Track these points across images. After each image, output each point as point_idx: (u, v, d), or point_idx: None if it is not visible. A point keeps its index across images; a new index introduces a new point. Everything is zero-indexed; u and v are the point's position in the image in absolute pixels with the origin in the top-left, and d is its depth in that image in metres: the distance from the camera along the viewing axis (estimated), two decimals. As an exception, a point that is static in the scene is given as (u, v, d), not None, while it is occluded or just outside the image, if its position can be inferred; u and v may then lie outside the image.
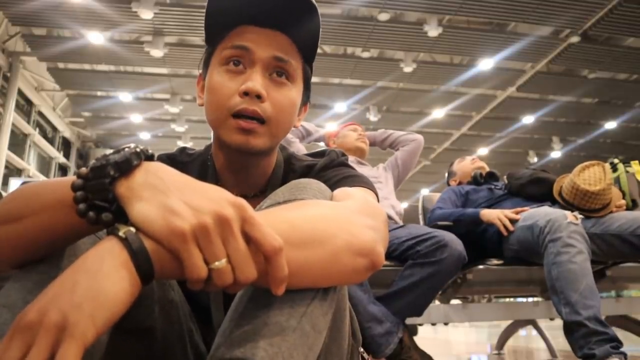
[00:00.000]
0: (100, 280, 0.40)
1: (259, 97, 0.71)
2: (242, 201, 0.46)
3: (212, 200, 0.45)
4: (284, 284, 0.46)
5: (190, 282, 0.44)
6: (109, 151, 0.52)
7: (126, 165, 0.47)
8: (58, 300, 0.39)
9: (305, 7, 0.73)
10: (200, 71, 0.83)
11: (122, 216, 0.47)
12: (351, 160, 2.30)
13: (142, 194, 0.45)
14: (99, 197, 0.48)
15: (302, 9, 0.73)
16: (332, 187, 0.70)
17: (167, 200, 0.45)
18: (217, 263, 0.43)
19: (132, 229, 0.44)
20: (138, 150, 0.49)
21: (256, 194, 0.81)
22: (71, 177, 0.51)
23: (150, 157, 0.51)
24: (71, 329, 0.37)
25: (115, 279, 0.41)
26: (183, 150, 0.90)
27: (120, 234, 0.44)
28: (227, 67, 0.74)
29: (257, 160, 0.79)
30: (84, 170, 0.49)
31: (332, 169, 0.80)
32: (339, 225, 0.54)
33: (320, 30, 0.77)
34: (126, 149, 0.49)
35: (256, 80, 0.72)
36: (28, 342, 0.37)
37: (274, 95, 0.73)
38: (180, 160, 0.87)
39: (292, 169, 0.84)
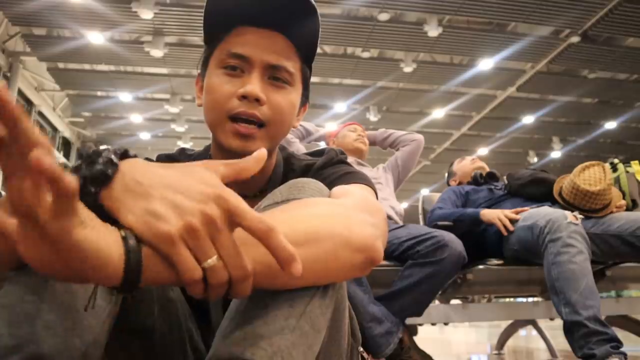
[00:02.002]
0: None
1: (257, 100, 0.71)
2: (225, 193, 0.44)
3: (195, 198, 0.44)
4: (295, 262, 0.44)
5: (188, 287, 0.43)
6: None
7: (104, 178, 0.45)
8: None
9: (305, 8, 0.72)
10: (199, 71, 0.83)
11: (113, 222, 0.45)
12: (350, 160, 2.30)
13: (125, 203, 0.44)
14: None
15: (301, 9, 0.73)
16: (331, 184, 0.70)
17: (149, 205, 0.43)
18: (209, 261, 0.42)
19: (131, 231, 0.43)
20: (111, 156, 0.46)
21: (256, 194, 0.81)
22: None
23: (124, 154, 0.48)
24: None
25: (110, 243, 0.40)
26: (183, 150, 0.90)
27: (121, 232, 0.43)
28: (225, 70, 0.74)
29: None
30: None
31: (330, 167, 0.80)
32: (336, 221, 0.54)
33: (320, 31, 0.77)
34: (99, 160, 0.45)
35: (255, 84, 0.71)
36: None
37: (273, 98, 0.73)
38: (179, 161, 0.87)
39: (292, 168, 0.84)
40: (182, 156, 0.89)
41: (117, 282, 0.41)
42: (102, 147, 0.48)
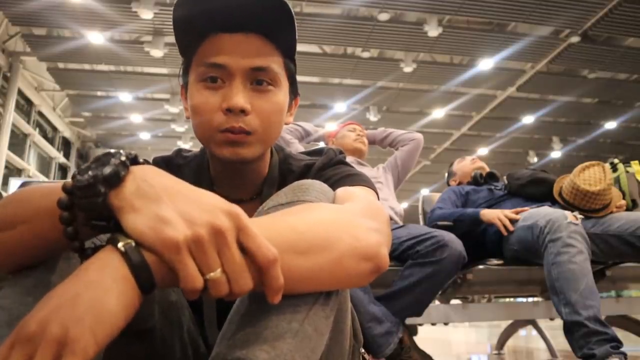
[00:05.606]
0: (101, 294, 0.40)
1: (242, 111, 0.70)
2: (237, 210, 0.45)
3: (206, 209, 0.44)
4: (280, 293, 0.46)
5: (185, 292, 0.43)
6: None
7: (115, 179, 0.45)
8: (59, 313, 0.38)
9: (273, 1, 0.69)
10: (182, 83, 0.81)
11: (119, 227, 0.45)
12: (350, 160, 2.29)
13: (134, 204, 0.44)
14: (93, 216, 0.46)
15: (270, 3, 0.69)
16: (332, 186, 0.69)
17: (159, 210, 0.43)
18: (211, 274, 0.42)
19: (132, 242, 0.43)
20: (123, 159, 0.47)
21: (253, 197, 0.81)
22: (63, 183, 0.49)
23: (135, 160, 0.49)
24: (72, 344, 0.37)
25: (116, 293, 0.40)
26: (179, 152, 0.89)
27: (120, 246, 0.42)
28: (205, 84, 0.72)
29: (251, 166, 0.78)
30: (68, 183, 0.46)
31: (331, 168, 0.79)
32: (343, 229, 0.53)
33: (296, 21, 0.73)
34: (112, 160, 0.46)
35: (238, 95, 0.69)
36: (29, 353, 0.37)
37: (259, 105, 0.71)
38: (175, 163, 0.86)
39: (290, 169, 0.83)
40: (178, 158, 0.87)
41: (139, 294, 0.42)
42: (113, 151, 0.48)
